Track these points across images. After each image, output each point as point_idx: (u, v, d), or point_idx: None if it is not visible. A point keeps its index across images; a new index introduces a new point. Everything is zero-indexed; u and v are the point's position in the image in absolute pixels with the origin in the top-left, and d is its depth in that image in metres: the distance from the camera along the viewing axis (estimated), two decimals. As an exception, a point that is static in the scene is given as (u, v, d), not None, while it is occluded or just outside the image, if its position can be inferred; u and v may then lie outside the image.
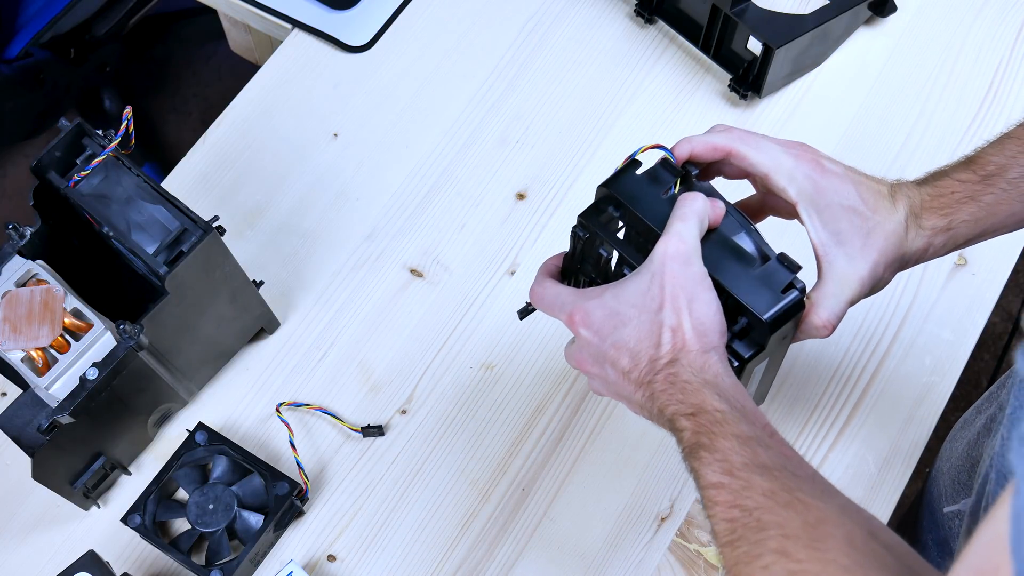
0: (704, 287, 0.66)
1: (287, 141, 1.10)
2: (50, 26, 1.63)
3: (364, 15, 1.17)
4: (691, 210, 0.67)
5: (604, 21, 1.16)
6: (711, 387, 0.64)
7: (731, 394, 0.64)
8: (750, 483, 0.58)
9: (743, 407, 0.63)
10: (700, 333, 0.65)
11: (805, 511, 0.56)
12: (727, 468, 0.60)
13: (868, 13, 1.13)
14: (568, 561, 0.91)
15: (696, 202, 0.67)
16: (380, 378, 0.98)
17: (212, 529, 0.87)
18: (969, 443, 0.92)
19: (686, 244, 0.66)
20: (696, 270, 0.66)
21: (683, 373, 0.65)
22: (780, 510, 0.56)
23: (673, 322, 0.65)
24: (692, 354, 0.65)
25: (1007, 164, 0.72)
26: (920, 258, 0.73)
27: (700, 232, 0.67)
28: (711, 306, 0.66)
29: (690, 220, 0.67)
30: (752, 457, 0.60)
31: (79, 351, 0.80)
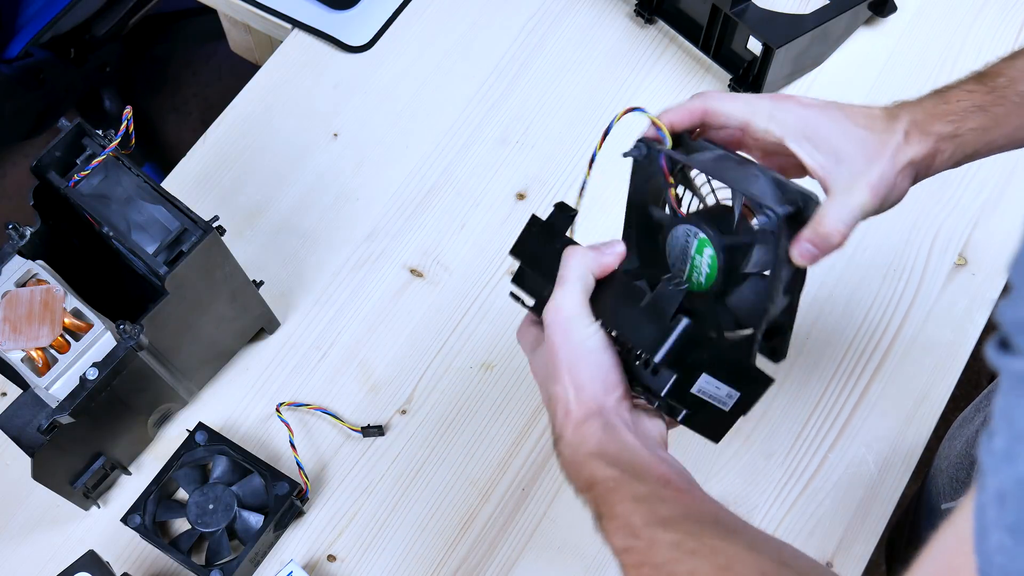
0: (585, 351, 0.65)
1: (287, 141, 1.10)
2: (50, 26, 1.63)
3: (364, 15, 1.17)
4: (567, 273, 0.65)
5: (604, 21, 1.16)
6: (596, 457, 0.63)
7: (617, 456, 0.63)
8: (654, 540, 0.59)
9: (633, 465, 0.63)
10: (582, 401, 0.64)
11: (713, 555, 0.56)
12: (631, 531, 0.60)
13: (868, 13, 1.13)
14: (568, 561, 0.91)
15: (574, 260, 0.66)
16: (380, 378, 0.98)
17: (212, 529, 0.87)
18: (968, 441, 0.92)
19: (563, 311, 0.65)
20: (576, 335, 0.65)
21: (567, 451, 0.65)
22: (688, 559, 0.57)
23: (559, 393, 0.65)
24: (572, 428, 0.65)
25: (1017, 77, 0.70)
26: (929, 166, 0.70)
27: (584, 288, 0.65)
28: (591, 371, 0.65)
29: (567, 283, 0.65)
30: (651, 515, 0.60)
31: (79, 351, 0.80)
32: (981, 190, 1.06)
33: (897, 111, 0.70)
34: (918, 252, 1.03)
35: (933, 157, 0.70)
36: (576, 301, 0.65)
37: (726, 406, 0.68)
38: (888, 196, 0.69)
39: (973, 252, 1.03)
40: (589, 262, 0.66)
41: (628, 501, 0.61)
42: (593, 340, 0.65)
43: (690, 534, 0.58)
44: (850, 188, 0.68)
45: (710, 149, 0.70)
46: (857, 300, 1.01)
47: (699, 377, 0.66)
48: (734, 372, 0.67)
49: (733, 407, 0.68)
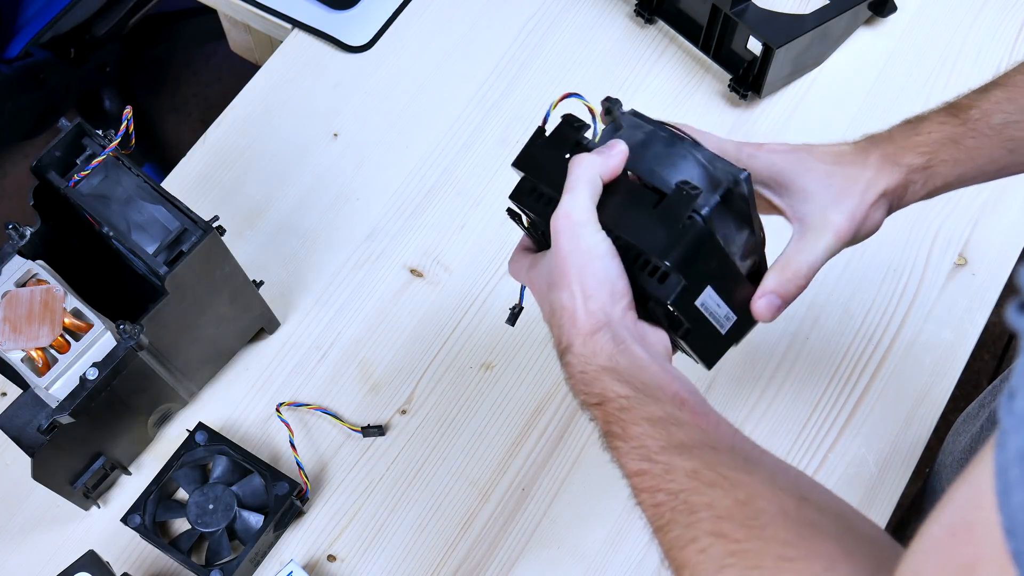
0: (593, 256, 0.63)
1: (287, 141, 1.10)
2: (50, 26, 1.63)
3: (364, 15, 1.17)
4: (576, 178, 0.64)
5: (604, 21, 1.16)
6: (608, 372, 0.62)
7: (630, 373, 0.62)
8: (671, 466, 0.57)
9: (646, 383, 0.61)
10: (589, 310, 0.63)
11: (733, 488, 0.54)
12: (645, 454, 0.58)
13: (868, 13, 1.13)
14: (568, 561, 0.91)
15: (581, 167, 0.65)
16: (380, 378, 0.98)
17: (212, 529, 0.87)
18: (972, 438, 0.92)
19: (571, 217, 0.64)
20: (585, 241, 0.64)
21: (576, 363, 0.63)
22: (707, 490, 0.55)
23: (565, 302, 0.64)
24: (582, 338, 0.63)
25: (991, 110, 0.70)
26: (901, 197, 0.71)
27: (592, 194, 0.64)
28: (600, 276, 0.63)
29: (576, 188, 0.64)
30: (668, 438, 0.58)
31: (79, 351, 0.80)
32: (981, 190, 1.05)
33: (867, 145, 0.71)
34: (918, 252, 1.03)
35: (905, 188, 0.70)
36: (585, 206, 0.64)
37: (723, 328, 0.67)
38: (860, 230, 0.69)
39: (973, 252, 1.03)
40: (597, 167, 0.65)
41: (643, 422, 0.59)
42: (602, 246, 0.64)
43: (708, 463, 0.56)
44: (819, 227, 0.68)
45: (641, 127, 0.69)
46: (857, 300, 1.01)
47: (704, 289, 0.64)
48: (735, 290, 0.66)
49: (728, 331, 0.67)
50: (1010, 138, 0.70)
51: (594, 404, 0.62)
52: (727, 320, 0.68)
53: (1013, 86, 0.71)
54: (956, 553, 0.39)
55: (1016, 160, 0.71)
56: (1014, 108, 0.70)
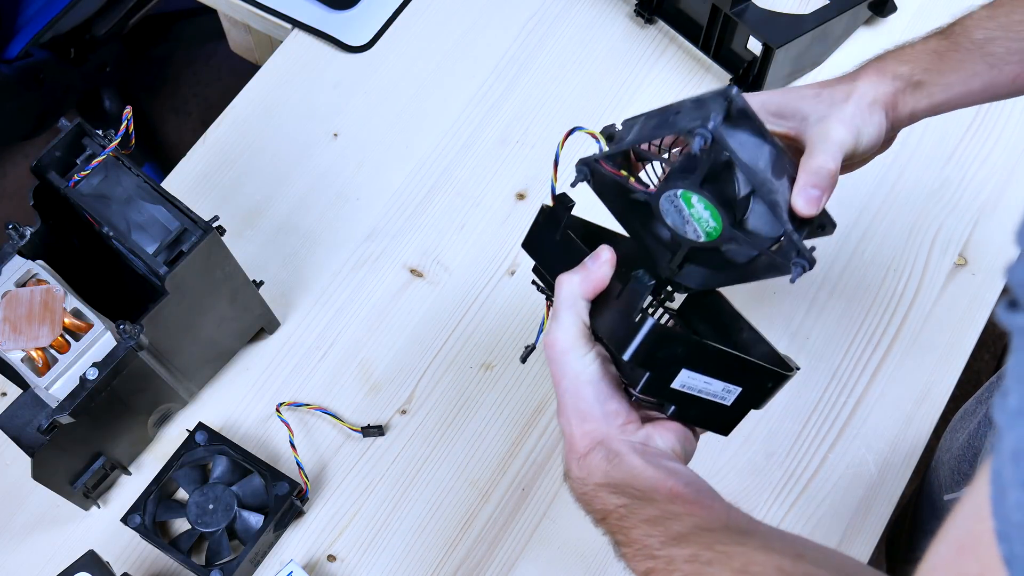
0: (582, 382, 0.65)
1: (287, 141, 1.10)
2: (50, 26, 1.63)
3: (364, 15, 1.17)
4: (560, 302, 0.66)
5: (604, 21, 1.16)
6: (603, 488, 0.65)
7: (624, 483, 0.64)
8: (672, 557, 0.60)
9: (641, 489, 0.64)
10: (584, 432, 0.66)
11: (729, 560, 0.57)
12: (648, 553, 0.61)
13: (868, 13, 1.13)
14: (568, 561, 0.91)
15: (562, 291, 0.66)
16: (380, 378, 0.98)
17: (212, 529, 0.87)
18: (970, 434, 0.93)
19: (556, 345, 0.66)
20: (572, 368, 0.65)
21: (575, 487, 0.66)
22: (707, 569, 0.57)
23: (564, 427, 0.67)
24: (577, 462, 0.66)
25: (972, 26, 0.73)
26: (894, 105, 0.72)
27: (576, 316, 0.66)
28: (590, 401, 0.66)
29: (559, 315, 0.66)
30: (666, 533, 0.61)
31: (79, 351, 0.80)
32: (981, 190, 1.06)
33: (857, 68, 0.74)
34: (918, 252, 1.03)
35: (894, 97, 0.72)
36: (569, 332, 0.66)
37: (727, 400, 0.67)
38: (863, 130, 0.71)
39: (973, 252, 1.03)
40: (576, 288, 0.66)
41: (642, 525, 0.62)
42: (589, 371, 0.66)
43: (704, 545, 0.59)
44: (820, 136, 0.70)
45: (635, 123, 0.70)
46: (857, 300, 1.01)
47: (678, 373, 0.65)
48: (726, 367, 0.66)
49: (736, 402, 0.68)
50: (990, 53, 0.72)
51: (599, 520, 0.65)
52: (728, 393, 0.68)
53: (997, 5, 0.74)
54: (963, 571, 0.39)
55: (997, 78, 0.73)
56: (995, 25, 0.73)
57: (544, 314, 0.73)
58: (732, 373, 0.67)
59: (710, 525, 0.61)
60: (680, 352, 0.65)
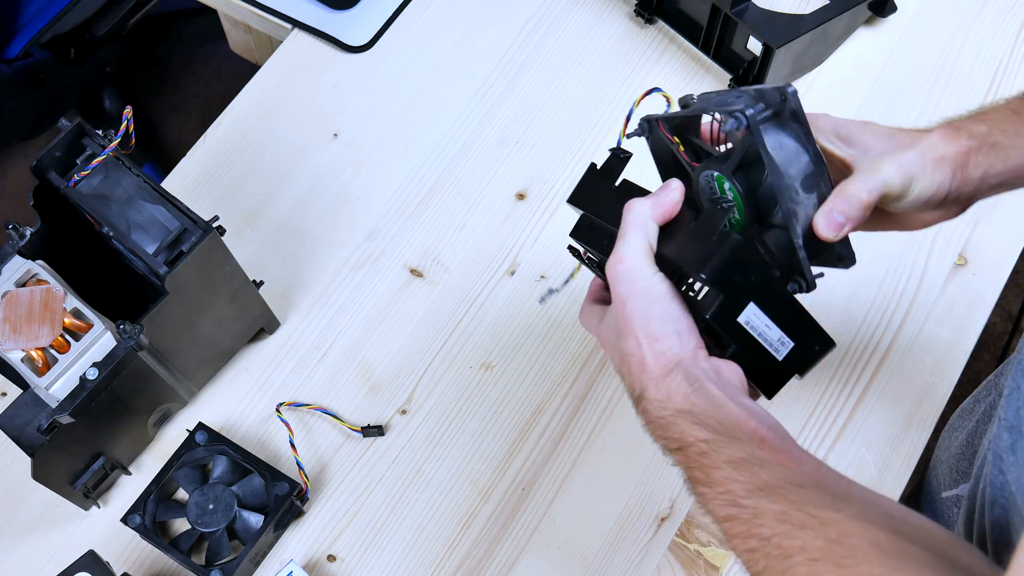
0: (653, 299, 0.64)
1: (287, 141, 1.10)
2: (50, 26, 1.63)
3: (364, 15, 1.17)
4: (628, 223, 0.65)
5: (604, 21, 1.16)
6: (684, 415, 0.62)
7: (707, 413, 0.61)
8: (759, 510, 0.56)
9: (723, 423, 0.61)
10: (657, 353, 0.63)
11: (823, 528, 0.54)
12: (731, 500, 0.58)
13: (868, 13, 1.13)
14: (568, 561, 0.91)
15: (632, 212, 0.65)
16: (380, 378, 0.98)
17: (212, 529, 0.87)
18: (969, 432, 0.92)
19: (625, 262, 0.64)
20: (642, 285, 0.64)
21: (652, 409, 0.63)
22: (798, 532, 0.54)
23: (632, 349, 0.64)
24: (654, 383, 0.63)
25: None
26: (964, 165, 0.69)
27: (645, 238, 0.65)
28: (663, 319, 0.64)
29: (628, 235, 0.65)
30: (752, 480, 0.58)
31: (79, 351, 0.80)
32: (981, 190, 1.05)
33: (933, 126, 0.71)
34: (918, 252, 1.03)
35: (966, 156, 0.69)
36: (638, 251, 0.64)
37: (779, 354, 0.66)
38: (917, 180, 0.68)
39: (973, 252, 1.03)
40: (647, 210, 0.65)
41: (725, 466, 0.58)
42: (660, 287, 0.64)
43: (795, 504, 0.55)
44: (874, 164, 0.68)
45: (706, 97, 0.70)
46: (857, 300, 1.01)
47: (747, 305, 0.64)
48: (787, 314, 0.65)
49: (787, 359, 0.66)
50: None
51: (674, 449, 0.62)
52: (782, 345, 0.67)
53: None
54: None
55: None
56: None
57: (575, 268, 0.73)
58: (790, 323, 0.66)
59: (801, 481, 0.57)
60: (753, 280, 0.64)
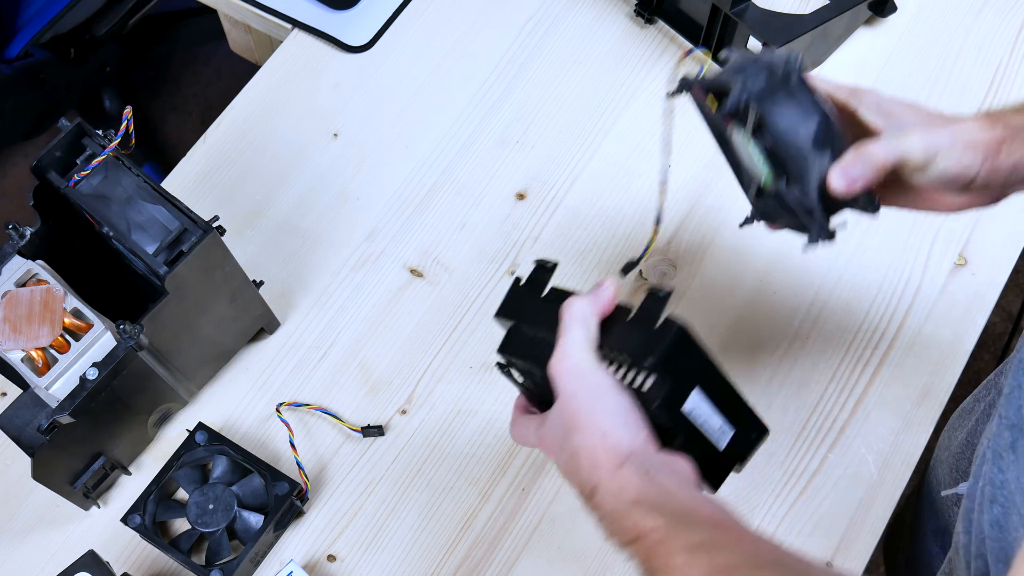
0: (601, 392, 0.63)
1: (287, 141, 1.10)
2: (50, 26, 1.63)
3: (364, 15, 1.17)
4: (570, 319, 0.65)
5: (604, 21, 1.16)
6: (638, 506, 0.60)
7: (662, 502, 0.60)
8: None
9: (679, 510, 0.60)
10: (609, 447, 0.62)
11: None
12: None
13: (868, 13, 1.13)
14: (568, 561, 0.91)
15: (572, 308, 0.66)
16: (380, 378, 0.98)
17: (212, 529, 0.87)
18: (969, 431, 0.92)
19: (572, 358, 0.64)
20: (589, 380, 0.64)
21: (606, 502, 0.62)
22: None
23: (582, 444, 0.63)
24: (608, 476, 0.62)
25: None
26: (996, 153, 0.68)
27: (587, 333, 0.65)
28: (612, 410, 0.63)
29: (571, 330, 0.65)
30: (711, 564, 0.57)
31: (79, 351, 0.80)
32: (981, 190, 1.05)
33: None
34: (918, 252, 1.03)
35: (999, 144, 0.68)
36: (582, 346, 0.64)
37: (720, 443, 0.67)
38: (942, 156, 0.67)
39: (973, 252, 1.03)
40: (587, 306, 0.66)
41: (682, 552, 0.57)
42: (607, 381, 0.64)
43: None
44: (900, 131, 0.68)
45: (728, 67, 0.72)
46: (857, 300, 1.01)
47: (691, 392, 0.64)
48: (728, 400, 0.66)
49: (728, 447, 0.67)
50: None
51: (630, 541, 0.61)
52: (722, 435, 0.67)
53: None
54: None
55: None
56: None
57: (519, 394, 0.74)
58: (730, 409, 0.66)
59: (760, 562, 0.57)
60: (696, 366, 0.64)
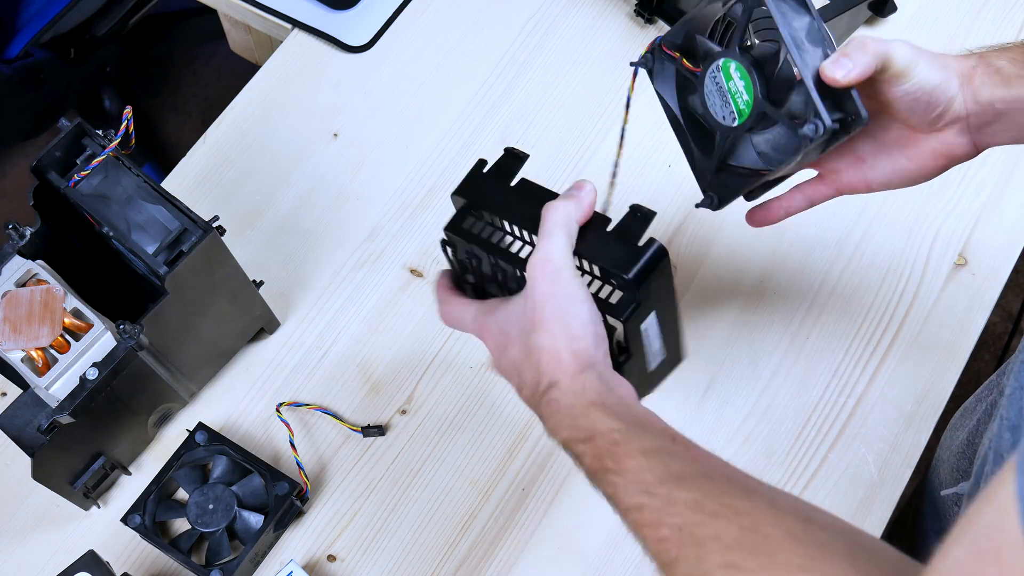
0: (576, 301, 0.64)
1: (287, 141, 1.10)
2: (50, 26, 1.63)
3: (364, 15, 1.17)
4: (553, 223, 0.66)
5: (604, 21, 1.16)
6: (597, 407, 0.62)
7: (620, 409, 0.62)
8: (671, 498, 0.56)
9: (637, 418, 0.61)
10: (575, 351, 0.64)
11: (737, 516, 0.54)
12: (643, 488, 0.57)
13: (868, 13, 1.13)
14: (568, 561, 0.91)
15: (557, 213, 0.66)
16: (380, 378, 0.98)
17: (212, 529, 0.87)
18: (970, 431, 0.92)
19: (554, 262, 0.65)
20: (565, 285, 0.64)
21: (564, 398, 0.63)
22: (712, 521, 0.54)
23: (547, 343, 0.64)
24: (570, 376, 0.63)
25: None
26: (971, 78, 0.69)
27: (568, 239, 0.66)
28: (584, 319, 0.64)
29: (553, 234, 0.65)
30: (665, 471, 0.57)
31: (79, 351, 0.80)
32: (981, 190, 1.06)
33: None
34: (918, 252, 1.03)
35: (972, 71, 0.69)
36: (564, 251, 0.65)
37: (650, 366, 0.69)
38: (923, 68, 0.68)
39: (973, 252, 1.03)
40: (571, 211, 0.66)
41: (638, 455, 0.58)
42: (582, 291, 0.65)
43: (708, 494, 0.55)
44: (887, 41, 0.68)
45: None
46: (857, 300, 1.01)
47: (649, 314, 0.66)
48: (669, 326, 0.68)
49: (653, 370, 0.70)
50: None
51: (583, 439, 0.62)
52: (654, 358, 0.69)
53: None
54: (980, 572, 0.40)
55: None
56: None
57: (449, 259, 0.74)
58: (670, 335, 0.68)
59: (712, 473, 0.58)
60: (663, 289, 0.66)
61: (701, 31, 0.73)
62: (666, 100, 0.75)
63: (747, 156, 0.72)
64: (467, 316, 0.72)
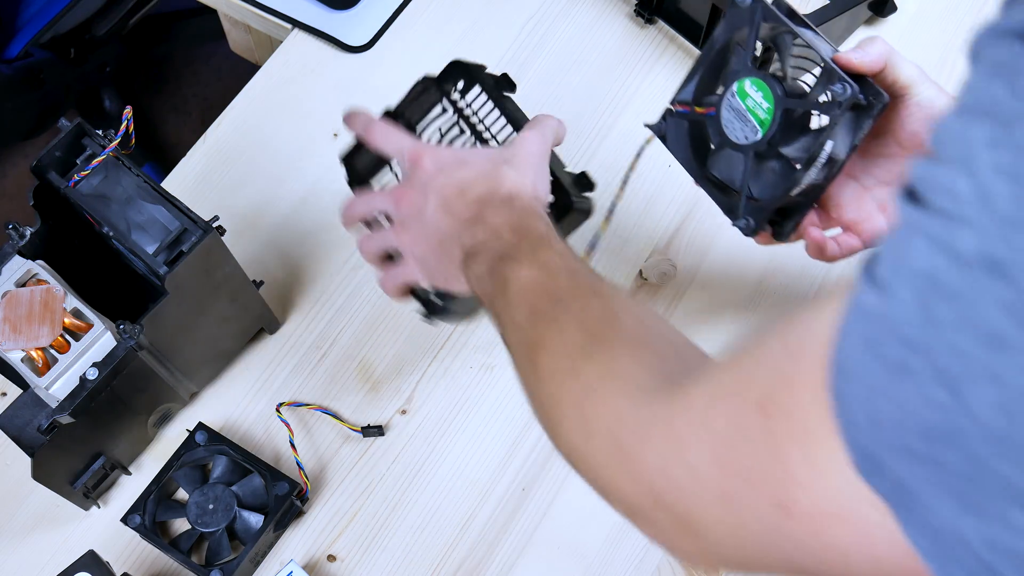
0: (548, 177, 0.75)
1: (287, 141, 1.10)
2: (50, 26, 1.63)
3: (364, 15, 1.17)
4: (548, 127, 0.77)
5: (604, 21, 1.16)
6: (543, 220, 0.70)
7: (560, 246, 0.68)
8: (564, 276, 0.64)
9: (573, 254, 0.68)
10: (539, 198, 0.73)
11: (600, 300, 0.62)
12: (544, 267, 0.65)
13: (868, 13, 1.13)
14: (568, 561, 0.91)
15: (550, 120, 0.78)
16: (380, 378, 0.98)
17: (212, 529, 0.87)
18: None
19: (544, 143, 0.76)
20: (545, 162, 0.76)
21: (526, 196, 0.72)
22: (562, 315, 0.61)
23: (516, 175, 0.73)
24: (530, 188, 0.73)
25: None
26: None
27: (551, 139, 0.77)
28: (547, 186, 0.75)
29: (547, 134, 0.77)
30: (575, 268, 0.65)
31: (79, 351, 0.80)
32: (981, 190, 1.05)
33: None
34: (918, 252, 1.03)
35: None
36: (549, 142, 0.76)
37: None
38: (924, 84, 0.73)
39: (973, 252, 1.03)
40: (556, 125, 0.78)
41: (556, 255, 0.66)
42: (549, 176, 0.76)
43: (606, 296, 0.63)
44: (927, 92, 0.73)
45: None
46: (857, 300, 1.01)
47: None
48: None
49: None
50: None
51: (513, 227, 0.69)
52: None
53: None
54: (783, 365, 0.43)
55: None
56: None
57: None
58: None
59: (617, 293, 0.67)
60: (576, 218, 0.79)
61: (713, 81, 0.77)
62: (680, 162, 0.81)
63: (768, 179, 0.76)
64: (414, 141, 0.79)
